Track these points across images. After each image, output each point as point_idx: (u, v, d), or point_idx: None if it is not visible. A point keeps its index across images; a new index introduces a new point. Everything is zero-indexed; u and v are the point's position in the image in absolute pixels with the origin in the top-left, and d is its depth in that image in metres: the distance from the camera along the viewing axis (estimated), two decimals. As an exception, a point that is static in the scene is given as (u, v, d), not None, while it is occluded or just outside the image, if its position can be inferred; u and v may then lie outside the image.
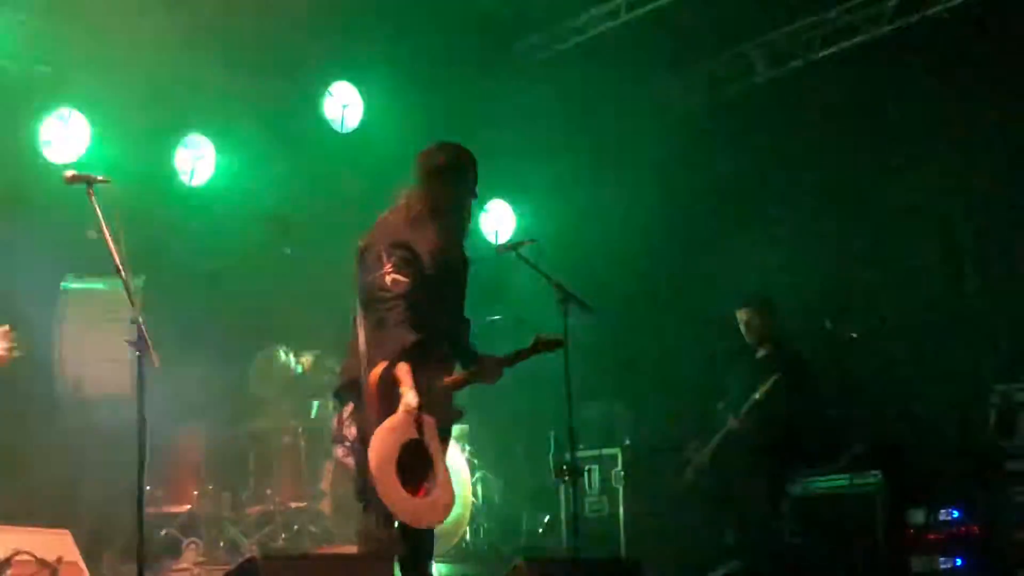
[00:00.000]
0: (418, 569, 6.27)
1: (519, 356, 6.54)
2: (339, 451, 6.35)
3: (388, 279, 6.01)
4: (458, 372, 6.41)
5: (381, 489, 5.65)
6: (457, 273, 6.44)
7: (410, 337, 5.88)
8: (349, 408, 6.12)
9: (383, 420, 5.73)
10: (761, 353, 9.51)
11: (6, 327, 7.48)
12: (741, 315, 9.58)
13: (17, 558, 7.27)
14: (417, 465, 5.82)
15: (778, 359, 9.39)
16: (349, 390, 6.13)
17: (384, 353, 5.86)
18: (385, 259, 6.08)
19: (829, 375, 9.36)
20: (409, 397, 5.76)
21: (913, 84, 9.91)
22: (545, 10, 10.85)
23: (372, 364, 5.88)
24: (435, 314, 6.18)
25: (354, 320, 6.17)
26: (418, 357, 5.92)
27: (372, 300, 6.01)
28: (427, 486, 5.90)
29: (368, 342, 6.02)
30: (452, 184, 6.75)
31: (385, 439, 5.69)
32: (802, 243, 10.62)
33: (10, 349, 7.41)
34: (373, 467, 5.63)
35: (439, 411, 6.08)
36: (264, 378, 9.96)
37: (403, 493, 5.75)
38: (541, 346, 6.55)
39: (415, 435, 5.79)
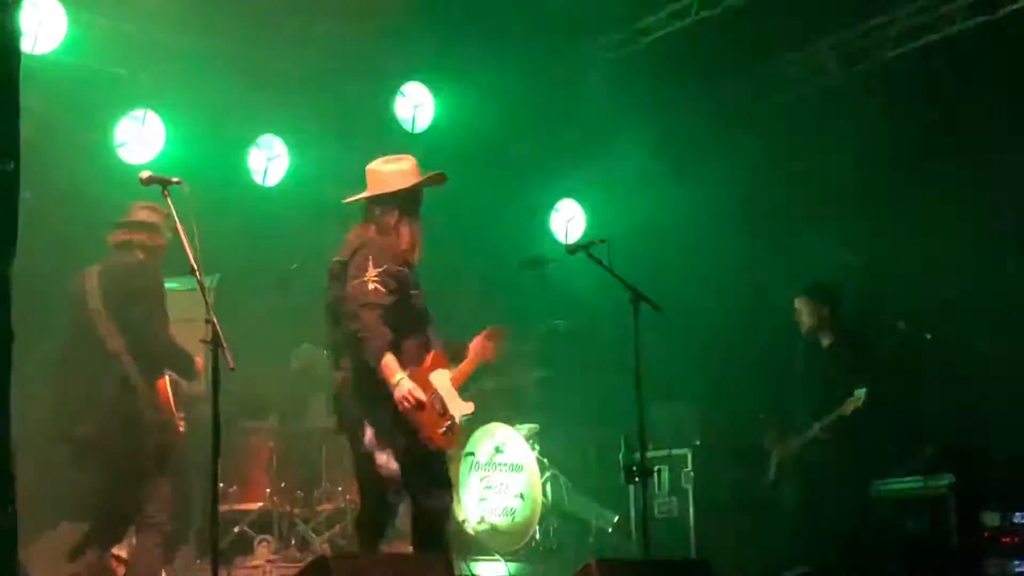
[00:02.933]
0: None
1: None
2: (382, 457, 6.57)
3: (370, 285, 6.40)
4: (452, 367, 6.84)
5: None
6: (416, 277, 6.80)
7: (388, 334, 6.35)
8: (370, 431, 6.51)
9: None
10: (825, 342, 9.46)
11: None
12: (796, 304, 9.56)
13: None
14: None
15: (843, 345, 9.32)
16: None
17: (370, 357, 6.34)
18: (371, 266, 6.45)
19: (903, 376, 9.28)
20: (402, 385, 6.29)
21: (984, 83, 9.82)
22: (616, 10, 10.83)
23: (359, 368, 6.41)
24: (418, 320, 6.68)
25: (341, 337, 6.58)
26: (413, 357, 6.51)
27: (352, 304, 6.40)
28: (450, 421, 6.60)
29: (344, 348, 6.56)
30: (417, 191, 6.95)
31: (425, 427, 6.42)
32: (875, 242, 10.54)
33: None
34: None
35: (454, 406, 6.66)
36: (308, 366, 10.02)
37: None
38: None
39: (425, 400, 6.40)
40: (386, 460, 6.53)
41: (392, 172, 6.94)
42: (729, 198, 11.09)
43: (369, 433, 6.52)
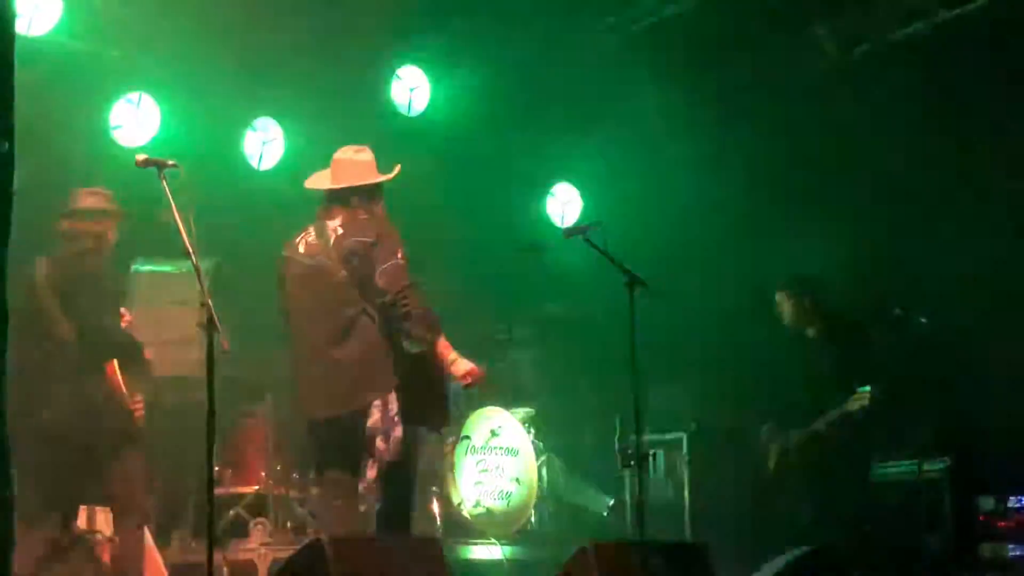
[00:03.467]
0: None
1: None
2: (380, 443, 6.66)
3: (407, 268, 6.73)
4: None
5: None
6: None
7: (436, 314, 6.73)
8: (392, 403, 6.64)
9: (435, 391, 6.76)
10: (812, 333, 9.41)
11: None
12: (777, 298, 9.51)
13: (90, 536, 7.40)
14: None
15: (830, 335, 9.28)
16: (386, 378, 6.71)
17: (427, 332, 6.67)
18: (400, 250, 6.76)
19: (899, 362, 9.27)
20: (460, 363, 6.75)
21: (986, 66, 9.80)
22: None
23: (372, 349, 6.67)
24: None
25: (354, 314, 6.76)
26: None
27: (393, 284, 6.66)
28: None
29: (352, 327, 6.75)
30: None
31: None
32: (871, 227, 10.53)
33: None
34: None
35: None
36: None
37: None
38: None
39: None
40: (386, 445, 6.63)
41: (372, 162, 7.20)
42: (727, 182, 11.08)
43: (376, 415, 6.63)
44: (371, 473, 6.70)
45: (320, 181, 7.26)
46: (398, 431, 6.67)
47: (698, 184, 11.21)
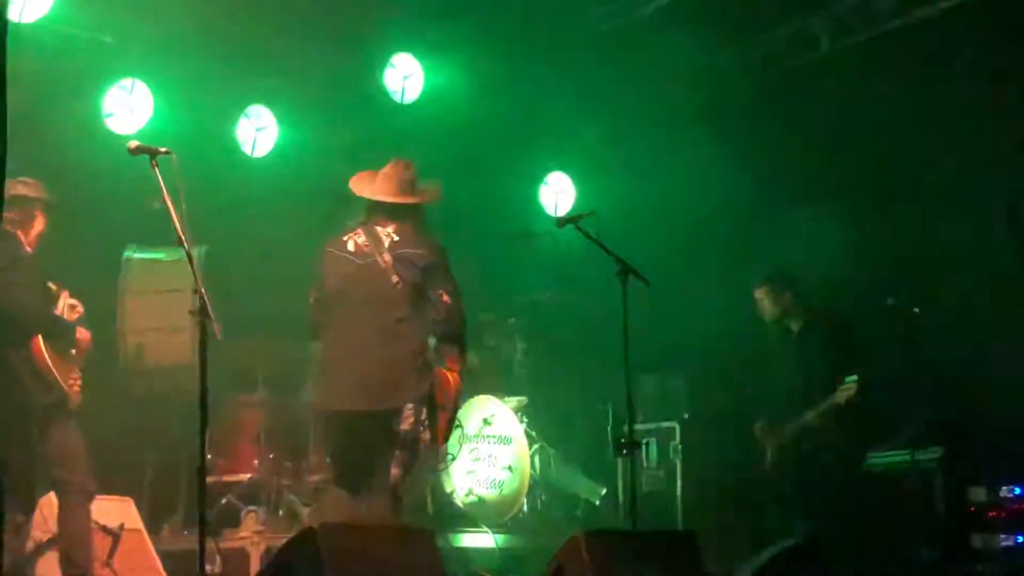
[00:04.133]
0: None
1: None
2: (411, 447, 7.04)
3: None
4: None
5: None
6: None
7: None
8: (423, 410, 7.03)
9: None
10: (795, 327, 9.38)
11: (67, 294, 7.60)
12: (756, 295, 9.47)
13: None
14: None
15: (815, 331, 9.25)
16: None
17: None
18: (453, 277, 7.36)
19: (891, 351, 9.27)
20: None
21: (980, 57, 9.79)
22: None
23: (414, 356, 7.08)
24: None
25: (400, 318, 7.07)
26: None
27: (457, 313, 7.21)
28: None
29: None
30: None
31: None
32: (864, 218, 10.53)
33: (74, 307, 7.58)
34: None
35: None
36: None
37: None
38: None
39: None
40: (415, 449, 7.03)
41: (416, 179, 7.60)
42: (721, 172, 11.06)
43: (411, 419, 6.93)
44: (395, 471, 6.95)
45: (376, 191, 7.47)
46: (426, 436, 7.05)
47: (691, 173, 11.19)
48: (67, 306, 7.59)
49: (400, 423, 6.91)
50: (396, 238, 7.22)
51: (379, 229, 7.28)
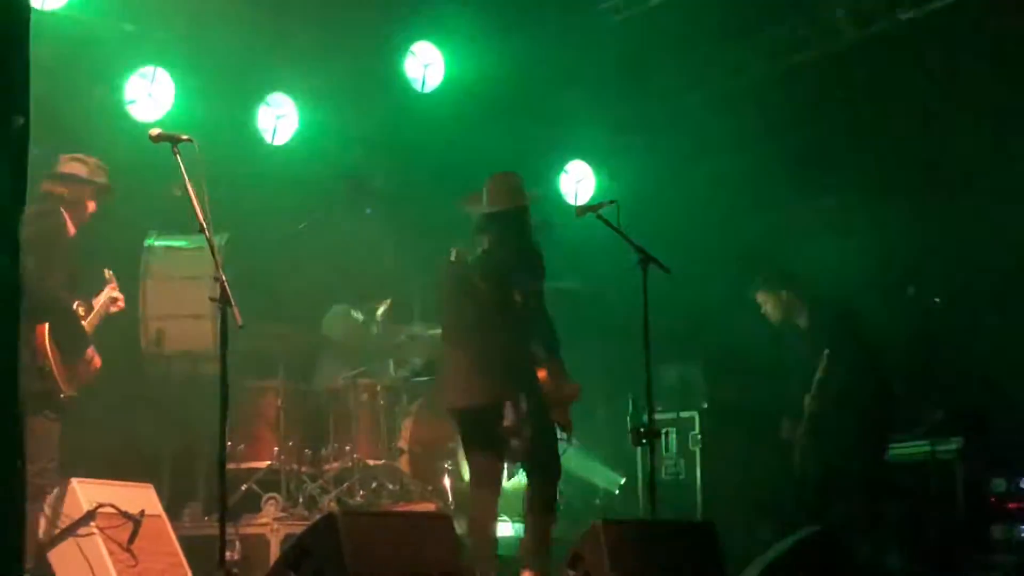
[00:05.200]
0: None
1: None
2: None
3: None
4: None
5: None
6: None
7: None
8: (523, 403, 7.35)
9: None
10: (803, 323, 9.33)
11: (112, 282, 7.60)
12: (758, 299, 9.43)
13: (102, 511, 7.42)
14: None
15: (818, 323, 9.20)
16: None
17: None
18: None
19: (912, 342, 9.26)
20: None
21: (1001, 46, 9.75)
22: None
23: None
24: None
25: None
26: None
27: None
28: None
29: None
30: None
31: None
32: (883, 208, 10.50)
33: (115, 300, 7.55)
34: None
35: None
36: (334, 328, 10.03)
37: None
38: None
39: None
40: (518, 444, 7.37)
41: None
42: (740, 161, 11.05)
43: (511, 415, 7.25)
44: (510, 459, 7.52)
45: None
46: (528, 431, 7.34)
47: (712, 163, 11.18)
48: (109, 298, 7.58)
49: (505, 417, 7.37)
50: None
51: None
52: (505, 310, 7.41)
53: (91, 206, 7.43)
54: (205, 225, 5.99)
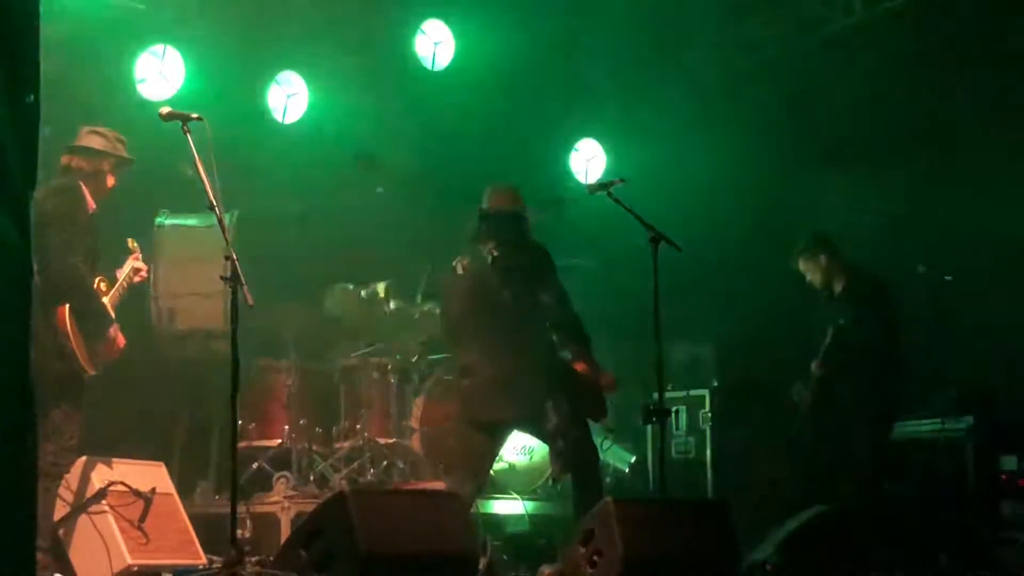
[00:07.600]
0: None
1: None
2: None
3: None
4: None
5: None
6: None
7: None
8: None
9: None
10: (838, 288, 9.30)
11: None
12: (800, 268, 9.38)
13: (113, 488, 7.45)
14: None
15: (852, 291, 9.17)
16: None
17: None
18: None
19: (923, 319, 9.24)
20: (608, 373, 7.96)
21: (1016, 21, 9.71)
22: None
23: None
24: None
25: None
26: None
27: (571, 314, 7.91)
28: None
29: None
30: None
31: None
32: (896, 185, 10.48)
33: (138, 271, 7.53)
34: None
35: None
36: (340, 306, 10.03)
37: None
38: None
39: None
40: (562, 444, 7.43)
41: None
42: (751, 139, 11.02)
43: (555, 418, 7.35)
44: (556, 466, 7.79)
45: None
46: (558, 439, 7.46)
47: (723, 140, 11.15)
48: (132, 268, 7.54)
49: (551, 420, 7.54)
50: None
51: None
52: (531, 314, 7.54)
53: (110, 180, 7.34)
54: (215, 203, 5.99)
